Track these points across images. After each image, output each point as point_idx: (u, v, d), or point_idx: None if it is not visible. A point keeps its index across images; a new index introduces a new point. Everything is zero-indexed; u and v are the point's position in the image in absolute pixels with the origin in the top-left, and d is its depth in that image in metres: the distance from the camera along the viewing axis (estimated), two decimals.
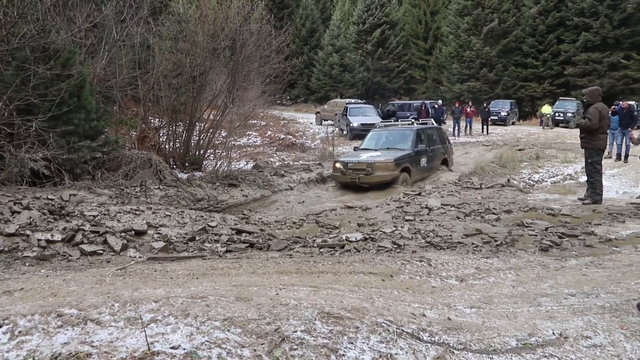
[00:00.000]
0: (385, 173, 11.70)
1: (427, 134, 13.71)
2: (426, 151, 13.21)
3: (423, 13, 43.79)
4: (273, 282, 3.79)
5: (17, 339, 2.55)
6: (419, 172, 12.75)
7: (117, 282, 3.52)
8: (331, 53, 42.35)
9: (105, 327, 2.73)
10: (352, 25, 45.71)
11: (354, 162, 12.08)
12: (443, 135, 15.01)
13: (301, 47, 43.33)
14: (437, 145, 13.96)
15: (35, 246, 4.78)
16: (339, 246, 5.67)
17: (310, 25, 45.77)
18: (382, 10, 43.81)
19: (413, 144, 12.83)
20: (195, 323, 2.81)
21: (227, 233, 5.73)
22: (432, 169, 13.54)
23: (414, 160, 12.65)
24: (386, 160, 11.84)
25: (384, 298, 3.77)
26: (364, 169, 11.76)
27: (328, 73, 42.46)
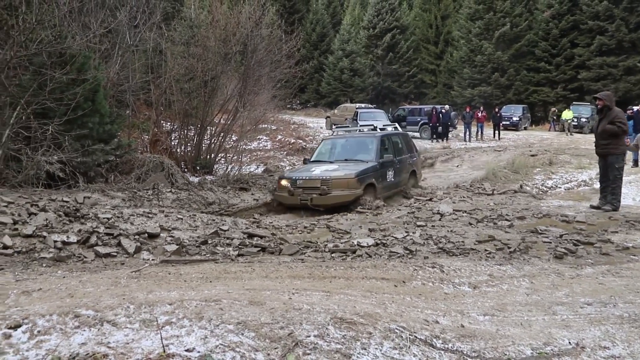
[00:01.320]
0: (345, 192, 9.41)
1: (392, 141, 11.61)
2: (392, 163, 11.03)
3: (434, 17, 43.77)
4: (286, 287, 3.81)
5: (37, 338, 2.60)
6: (385, 188, 10.55)
7: (132, 284, 3.57)
8: (341, 58, 42.45)
9: (121, 328, 2.76)
10: (362, 30, 45.78)
11: (304, 179, 9.76)
12: (410, 142, 12.91)
13: (311, 51, 43.45)
14: (404, 155, 11.90)
15: (51, 247, 4.84)
16: (350, 251, 5.67)
17: (321, 29, 45.90)
18: (393, 15, 43.84)
19: (377, 154, 10.60)
20: (210, 326, 2.84)
21: (239, 237, 5.77)
22: (400, 184, 11.37)
23: (380, 175, 10.44)
24: (346, 176, 9.57)
25: (396, 304, 3.77)
26: (317, 188, 9.49)
27: (338, 77, 42.54)
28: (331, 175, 9.64)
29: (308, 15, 46.52)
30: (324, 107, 41.79)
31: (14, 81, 9.28)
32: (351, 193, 9.43)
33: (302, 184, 9.70)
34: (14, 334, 2.61)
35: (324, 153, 11.51)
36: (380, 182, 10.31)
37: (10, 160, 8.74)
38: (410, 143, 12.79)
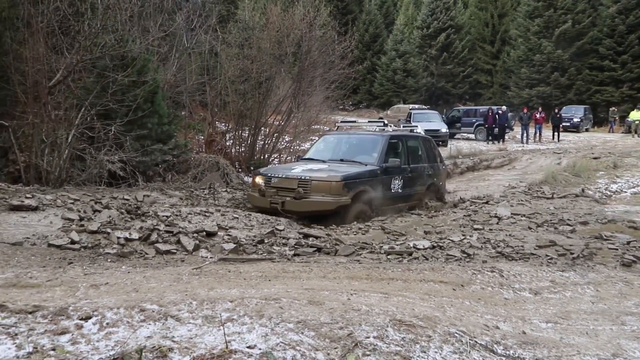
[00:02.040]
0: (326, 199, 7.61)
1: (406, 145, 9.65)
2: (402, 170, 9.15)
3: (490, 16, 42.69)
4: (344, 287, 3.81)
5: (106, 330, 2.70)
6: (387, 201, 8.76)
7: (193, 281, 3.66)
8: (394, 58, 42.11)
9: (184, 323, 2.83)
10: (416, 30, 45.22)
11: (280, 177, 8.12)
12: (433, 149, 10.80)
13: (364, 52, 43.28)
14: (421, 164, 10.01)
15: (115, 243, 5.03)
16: (406, 253, 5.62)
17: (374, 30, 45.67)
18: (447, 14, 43.08)
19: (380, 157, 8.77)
20: (270, 324, 2.87)
21: (295, 237, 5.82)
22: (412, 197, 9.55)
23: (380, 183, 8.62)
24: (329, 178, 7.77)
25: (455, 308, 3.71)
26: (292, 190, 7.79)
27: (391, 78, 42.23)
28: (312, 175, 7.90)
29: (361, 16, 46.38)
30: (377, 108, 41.60)
31: (79, 84, 9.71)
32: (333, 200, 7.59)
33: (277, 183, 8.03)
34: (85, 325, 2.72)
35: (321, 150, 9.78)
36: (379, 191, 8.57)
37: (75, 159, 9.15)
38: (433, 150, 10.79)
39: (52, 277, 3.64)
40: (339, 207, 7.73)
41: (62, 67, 8.93)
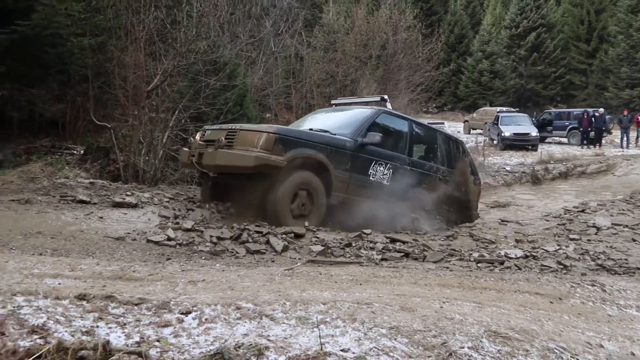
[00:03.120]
0: (250, 152, 5.93)
1: (413, 132, 7.85)
2: (396, 158, 7.38)
3: (586, 12, 40.41)
4: (435, 295, 3.75)
5: (204, 325, 2.80)
6: (360, 188, 6.86)
7: (285, 282, 3.73)
8: (481, 59, 40.96)
9: (278, 323, 2.89)
10: (503, 30, 43.72)
11: (213, 130, 6.83)
12: (461, 154, 8.91)
13: (449, 54, 42.39)
14: (434, 163, 8.20)
15: (207, 242, 5.24)
16: (497, 262, 5.45)
17: (459, 31, 44.68)
18: (538, 12, 41.27)
19: (358, 130, 6.95)
20: (363, 328, 2.87)
21: (382, 241, 5.79)
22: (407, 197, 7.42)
23: (349, 159, 6.70)
24: (260, 128, 6.41)
25: (553, 322, 3.53)
26: (217, 140, 6.32)
27: (477, 80, 41.10)
28: (244, 126, 6.64)
29: (446, 17, 45.55)
30: (461, 111, 40.66)
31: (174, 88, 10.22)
32: (255, 155, 5.85)
33: (208, 135, 6.69)
34: (185, 319, 2.84)
35: (301, 122, 8.29)
36: (346, 171, 6.67)
37: (169, 159, 9.64)
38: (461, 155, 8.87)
39: (152, 271, 3.84)
40: (264, 168, 5.92)
41: (160, 73, 9.44)
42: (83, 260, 4.02)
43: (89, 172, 8.78)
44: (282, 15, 15.31)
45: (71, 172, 8.42)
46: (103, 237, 4.92)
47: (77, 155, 9.63)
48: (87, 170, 8.82)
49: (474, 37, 44.43)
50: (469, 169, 8.97)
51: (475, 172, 9.27)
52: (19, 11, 8.23)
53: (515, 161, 20.44)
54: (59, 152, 9.79)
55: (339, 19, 18.52)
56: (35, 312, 2.61)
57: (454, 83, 43.07)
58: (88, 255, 4.27)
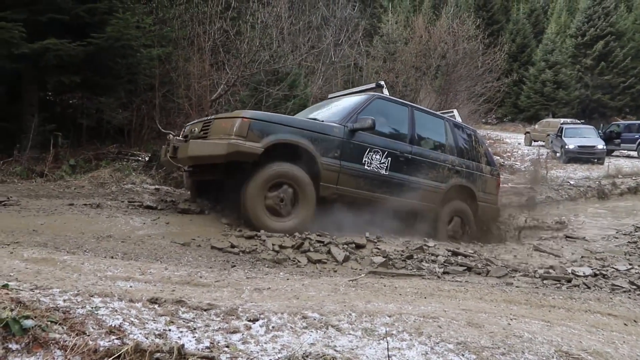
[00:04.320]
0: (223, 140, 5.45)
1: (415, 117, 7.17)
2: (395, 146, 6.74)
3: None
4: (502, 311, 3.64)
5: (271, 333, 2.82)
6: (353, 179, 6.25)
7: (350, 293, 3.71)
8: (544, 69, 39.75)
9: (344, 334, 2.87)
10: (569, 39, 42.30)
11: (193, 123, 6.61)
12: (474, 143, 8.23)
13: (510, 64, 41.40)
14: (441, 153, 7.49)
15: (270, 250, 5.28)
16: (565, 279, 5.24)
17: (521, 40, 43.59)
18: (607, 20, 39.67)
19: (349, 115, 6.40)
20: (429, 342, 2.82)
21: (444, 254, 5.69)
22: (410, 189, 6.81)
23: (339, 146, 6.12)
24: (234, 114, 5.88)
25: (629, 345, 3.35)
26: (191, 131, 6.09)
27: (539, 90, 39.88)
28: (220, 115, 6.30)
29: (507, 26, 44.57)
30: (522, 122, 39.54)
31: (236, 97, 10.46)
32: (227, 142, 5.37)
33: (187, 130, 6.35)
34: (252, 327, 2.87)
35: (306, 111, 7.79)
36: (336, 159, 6.09)
37: None
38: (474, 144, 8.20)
39: (219, 277, 3.91)
40: (237, 155, 5.42)
41: (223, 82, 9.69)
42: (152, 265, 4.14)
43: (154, 178, 9.08)
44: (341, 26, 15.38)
45: (137, 178, 8.74)
46: (170, 242, 5.05)
47: (143, 162, 9.98)
48: (152, 176, 9.12)
49: (536, 47, 43.21)
50: (486, 160, 8.31)
51: (492, 162, 8.52)
52: (94, 24, 8.65)
53: (580, 175, 19.69)
54: (125, 159, 10.19)
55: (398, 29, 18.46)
56: (112, 313, 2.71)
57: (514, 93, 41.95)
58: (156, 260, 4.39)
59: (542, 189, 15.66)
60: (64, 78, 8.57)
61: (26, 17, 8.00)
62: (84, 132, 10.56)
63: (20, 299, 2.55)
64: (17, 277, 3.22)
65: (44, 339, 2.17)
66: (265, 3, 11.51)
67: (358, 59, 15.70)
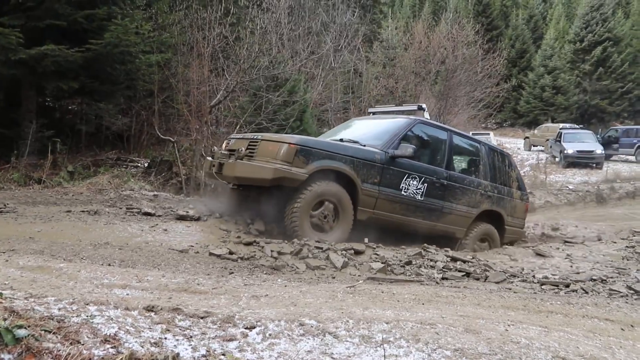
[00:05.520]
0: (270, 164, 5.64)
1: (452, 143, 7.25)
2: (431, 172, 6.83)
3: None
4: (500, 317, 3.62)
5: (268, 340, 2.80)
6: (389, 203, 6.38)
7: (347, 299, 3.69)
8: (543, 74, 39.84)
9: (341, 341, 2.85)
10: (567, 44, 42.42)
11: (238, 138, 6.55)
12: (507, 168, 8.20)
13: (510, 69, 41.47)
14: (475, 177, 7.53)
15: (268, 256, 5.26)
16: (563, 284, 5.23)
17: (520, 45, 43.70)
18: (604, 26, 39.80)
19: (390, 142, 6.48)
20: (427, 349, 2.80)
21: (442, 260, 5.67)
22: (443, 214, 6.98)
23: (379, 172, 6.24)
24: (281, 139, 5.96)
25: (625, 350, 3.34)
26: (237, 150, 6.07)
27: (538, 96, 39.95)
28: (266, 135, 6.25)
29: (507, 31, 44.72)
30: (522, 127, 39.58)
31: (236, 103, 10.45)
32: (274, 167, 5.58)
33: (232, 145, 6.41)
34: (249, 334, 2.85)
35: (335, 131, 7.90)
36: (375, 184, 6.23)
37: None
38: (507, 169, 8.20)
39: (216, 285, 3.89)
40: (283, 181, 5.66)
41: (222, 88, 9.68)
42: (149, 272, 4.12)
43: (152, 184, 9.07)
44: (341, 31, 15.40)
45: (136, 185, 8.73)
46: (168, 249, 5.03)
47: (141, 168, 9.97)
48: (151, 182, 9.12)
49: (535, 52, 43.32)
50: (518, 185, 8.35)
51: (522, 187, 8.57)
52: (92, 30, 8.66)
53: (579, 179, 19.69)
54: (124, 165, 10.18)
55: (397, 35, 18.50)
56: (107, 321, 2.69)
57: (514, 99, 42.01)
58: (154, 267, 4.37)
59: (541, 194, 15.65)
60: (62, 84, 8.57)
61: (24, 22, 8.01)
62: (82, 138, 10.55)
63: (14, 307, 2.52)
64: (12, 285, 3.20)
65: (37, 349, 2.14)
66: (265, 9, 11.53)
67: (358, 64, 15.71)
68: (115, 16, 8.58)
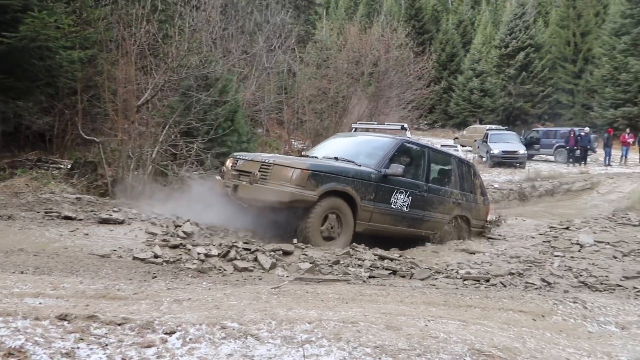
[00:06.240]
0: (285, 188, 6.23)
1: (429, 158, 8.06)
2: (412, 184, 7.58)
3: (572, 34, 41.07)
4: (421, 313, 3.73)
5: (189, 345, 2.76)
6: (382, 216, 7.13)
7: (272, 301, 3.69)
8: (471, 77, 41.40)
9: (263, 343, 2.85)
10: (493, 49, 44.33)
11: (246, 160, 7.05)
12: (472, 177, 9.13)
13: (440, 72, 42.82)
14: (448, 187, 8.39)
15: (195, 259, 5.18)
16: (484, 279, 5.46)
17: (450, 49, 45.22)
18: (527, 33, 41.88)
19: (382, 161, 7.23)
20: (348, 348, 2.85)
21: (370, 258, 5.77)
22: (423, 222, 7.82)
23: (372, 191, 6.97)
24: (294, 164, 6.53)
25: (535, 339, 3.54)
26: (251, 174, 6.53)
27: (467, 98, 41.49)
28: (277, 160, 6.74)
29: (437, 36, 46.16)
30: (452, 128, 40.96)
31: (164, 103, 10.19)
32: (291, 191, 6.18)
33: (241, 166, 6.94)
34: (169, 339, 2.80)
35: (323, 147, 8.56)
36: (371, 201, 6.94)
37: (158, 174, 9.57)
38: (472, 178, 9.11)
39: (137, 290, 3.78)
40: (297, 203, 6.29)
41: (150, 87, 9.41)
42: (66, 279, 3.95)
43: (75, 187, 8.68)
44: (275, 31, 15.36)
45: (57, 187, 8.32)
46: (88, 254, 4.84)
47: (64, 170, 9.51)
48: (74, 185, 8.71)
49: (464, 56, 44.92)
50: (480, 191, 9.27)
51: (484, 192, 9.54)
52: (6, 23, 8.17)
53: (504, 178, 20.55)
54: (45, 167, 9.67)
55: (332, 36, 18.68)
56: (13, 333, 2.56)
57: (445, 100, 43.42)
58: (72, 274, 4.20)
59: None
60: None
61: None
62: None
63: None
64: None
65: None
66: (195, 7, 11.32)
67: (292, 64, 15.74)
68: (31, 8, 8.12)
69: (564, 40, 41.64)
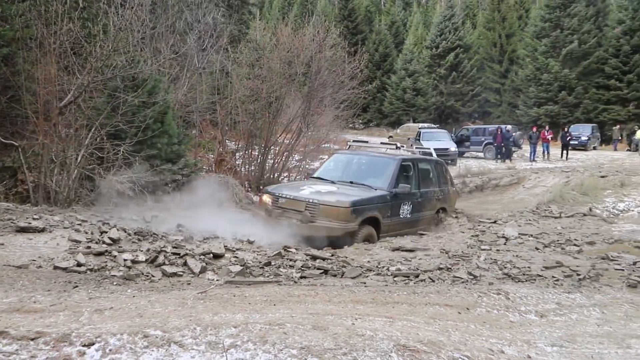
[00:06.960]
0: (334, 224, 7.50)
1: (418, 169, 9.56)
2: (412, 195, 9.07)
3: (498, 36, 42.90)
4: (349, 312, 3.78)
5: (108, 356, 2.68)
6: (395, 226, 8.69)
7: (198, 306, 3.64)
8: (404, 77, 42.29)
9: (187, 350, 2.81)
10: (425, 50, 45.52)
11: (288, 198, 8.09)
12: (444, 173, 10.83)
13: (374, 71, 43.50)
14: (432, 188, 9.92)
15: (121, 266, 5.02)
16: (413, 275, 5.59)
17: (384, 50, 45.98)
18: (456, 34, 43.35)
19: (391, 182, 8.64)
20: (273, 350, 2.85)
21: (302, 259, 5.79)
22: (419, 222, 9.39)
23: (389, 208, 8.54)
24: (338, 203, 7.66)
25: (460, 332, 3.67)
26: (300, 212, 7.74)
27: (401, 97, 42.36)
28: (320, 199, 7.76)
29: (371, 36, 46.79)
30: (387, 127, 41.64)
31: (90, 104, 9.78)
32: (340, 226, 7.49)
33: (284, 204, 7.99)
34: (87, 352, 2.71)
35: (330, 170, 9.65)
36: (388, 217, 8.49)
37: (84, 179, 9.19)
38: (444, 173, 10.75)
39: (56, 301, 3.63)
40: (346, 233, 7.62)
41: (74, 88, 9.01)
42: None
43: None
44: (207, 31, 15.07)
45: None
46: (2, 265, 4.58)
47: None
48: None
49: (397, 56, 45.78)
50: (451, 182, 11.01)
51: (452, 182, 11.34)
52: None
53: None
54: None
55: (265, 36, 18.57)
56: None
57: (379, 100, 44.12)
58: None
59: None
60: None
61: None
62: None
63: None
64: None
65: None
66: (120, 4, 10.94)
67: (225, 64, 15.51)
68: None
69: (491, 42, 43.40)
